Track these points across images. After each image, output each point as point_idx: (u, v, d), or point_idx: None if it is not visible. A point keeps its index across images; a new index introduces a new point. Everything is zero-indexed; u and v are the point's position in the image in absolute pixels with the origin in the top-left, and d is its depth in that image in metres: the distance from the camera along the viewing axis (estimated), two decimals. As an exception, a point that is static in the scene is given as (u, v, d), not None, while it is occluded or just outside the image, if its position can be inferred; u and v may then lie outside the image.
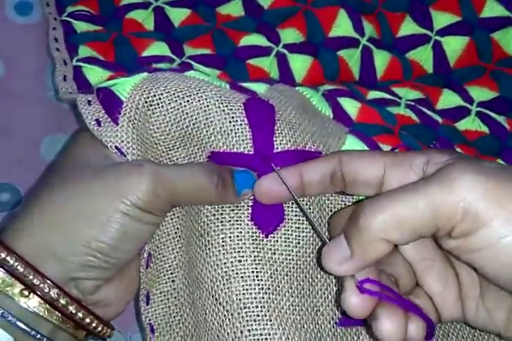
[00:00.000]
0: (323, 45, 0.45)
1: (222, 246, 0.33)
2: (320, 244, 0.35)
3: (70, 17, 0.44)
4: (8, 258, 0.30)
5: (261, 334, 0.32)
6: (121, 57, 0.43)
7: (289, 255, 0.34)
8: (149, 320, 0.35)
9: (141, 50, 0.43)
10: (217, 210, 0.34)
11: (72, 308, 0.31)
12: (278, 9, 0.46)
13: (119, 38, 0.43)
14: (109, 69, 0.41)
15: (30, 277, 0.30)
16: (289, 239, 0.34)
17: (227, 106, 0.34)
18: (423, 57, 0.46)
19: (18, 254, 0.30)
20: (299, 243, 0.34)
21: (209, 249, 0.33)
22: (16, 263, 0.30)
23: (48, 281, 0.30)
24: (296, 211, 0.35)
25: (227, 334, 0.32)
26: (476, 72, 0.46)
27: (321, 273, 0.35)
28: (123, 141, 0.34)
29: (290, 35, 0.45)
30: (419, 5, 0.47)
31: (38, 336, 0.30)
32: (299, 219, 0.35)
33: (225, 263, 0.33)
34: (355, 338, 0.35)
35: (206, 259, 0.33)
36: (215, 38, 0.44)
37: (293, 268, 0.34)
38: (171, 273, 0.35)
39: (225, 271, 0.33)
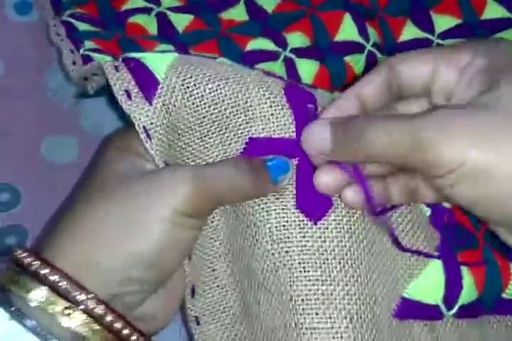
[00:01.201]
0: (330, 50, 0.44)
1: (269, 236, 0.32)
2: (373, 227, 0.33)
3: (70, 17, 0.43)
4: (51, 274, 0.29)
5: (306, 328, 0.31)
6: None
7: (341, 241, 0.32)
8: (195, 312, 0.34)
9: (148, 50, 0.42)
10: (262, 199, 0.33)
11: (118, 325, 0.30)
12: (283, 13, 0.46)
13: (123, 39, 0.43)
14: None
15: (75, 293, 0.29)
16: (339, 224, 0.32)
17: (267, 90, 0.33)
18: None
19: (61, 270, 0.29)
20: (350, 228, 0.32)
21: (256, 239, 0.32)
22: (59, 279, 0.29)
23: (92, 296, 0.29)
24: None
25: (279, 325, 0.32)
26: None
27: (378, 259, 0.33)
28: (152, 123, 0.32)
29: (296, 39, 0.44)
30: (420, 8, 0.47)
31: None
32: None
33: (272, 254, 0.32)
34: (407, 331, 0.34)
35: (255, 251, 0.32)
36: (221, 44, 0.43)
37: (346, 255, 0.32)
38: (211, 263, 0.34)
39: (274, 262, 0.32)
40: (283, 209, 0.32)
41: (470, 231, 0.36)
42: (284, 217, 0.32)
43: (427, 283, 0.34)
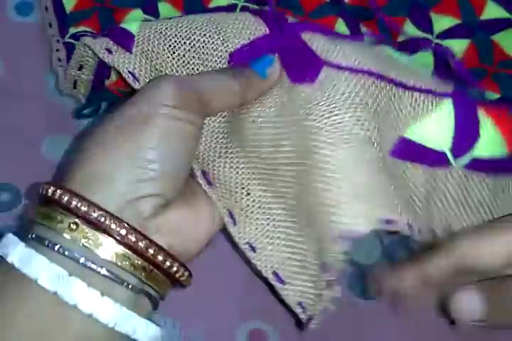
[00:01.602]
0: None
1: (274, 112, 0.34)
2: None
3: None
4: (81, 205, 0.29)
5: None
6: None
7: (343, 94, 0.34)
8: (245, 239, 0.34)
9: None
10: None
11: (132, 237, 0.29)
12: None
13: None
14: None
15: (108, 223, 0.29)
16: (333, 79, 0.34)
17: (234, 15, 0.36)
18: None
19: (89, 200, 0.30)
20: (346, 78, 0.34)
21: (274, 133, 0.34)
22: (90, 209, 0.29)
23: (127, 226, 0.29)
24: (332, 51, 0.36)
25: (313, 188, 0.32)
26: (478, 75, 0.46)
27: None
28: (136, 68, 0.35)
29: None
30: (419, 8, 0.47)
31: (129, 285, 0.29)
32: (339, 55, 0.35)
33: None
34: (400, 171, 0.34)
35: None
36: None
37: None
38: (242, 188, 0.34)
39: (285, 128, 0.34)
40: (280, 86, 0.35)
41: None
42: (283, 96, 0.34)
43: (433, 126, 0.34)
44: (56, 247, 0.29)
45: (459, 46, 0.46)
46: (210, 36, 0.35)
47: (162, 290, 0.32)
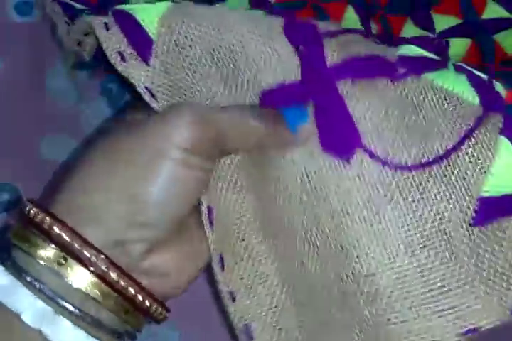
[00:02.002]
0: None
1: (302, 186, 0.30)
2: (411, 142, 0.30)
3: None
4: (62, 232, 0.28)
5: (365, 276, 0.28)
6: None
7: (381, 171, 0.29)
8: (228, 287, 0.32)
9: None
10: (286, 152, 0.30)
11: (113, 275, 0.28)
12: (286, 3, 0.45)
13: None
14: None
15: (86, 253, 0.27)
16: (373, 155, 0.30)
17: (268, 37, 0.31)
18: (427, 59, 0.46)
19: (72, 228, 0.28)
20: (388, 154, 0.30)
21: (289, 194, 0.30)
22: (71, 238, 0.28)
23: (105, 258, 0.28)
24: (372, 123, 0.30)
25: (332, 279, 0.30)
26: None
27: (434, 170, 0.30)
28: (153, 83, 0.31)
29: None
30: (420, 8, 0.47)
31: (81, 314, 0.28)
32: (378, 130, 0.30)
33: (310, 204, 0.30)
34: (500, 234, 0.29)
35: (290, 206, 0.30)
36: None
37: (391, 184, 0.29)
38: (238, 232, 0.32)
39: (313, 213, 0.29)
40: (310, 156, 0.30)
41: None
42: (313, 164, 0.30)
43: (504, 172, 0.30)
44: (38, 285, 0.27)
45: (461, 45, 0.46)
46: (239, 67, 0.31)
47: (139, 327, 0.31)
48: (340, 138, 0.30)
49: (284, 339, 0.32)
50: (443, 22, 0.46)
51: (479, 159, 0.29)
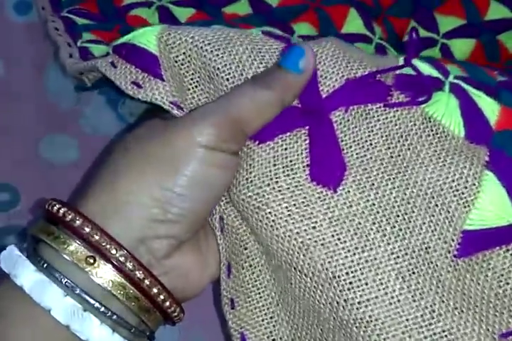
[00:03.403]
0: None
1: (289, 215, 0.30)
2: (395, 171, 0.31)
3: (69, 13, 0.43)
4: (85, 226, 0.28)
5: (359, 303, 0.29)
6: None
7: (368, 201, 0.30)
8: (229, 294, 0.32)
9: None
10: (271, 178, 0.30)
11: (139, 274, 0.28)
12: (288, 7, 0.45)
13: (124, 28, 0.42)
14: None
15: (110, 249, 0.28)
16: (360, 184, 0.30)
17: (262, 59, 0.31)
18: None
19: (96, 224, 0.28)
20: (373, 184, 0.30)
21: (273, 220, 0.30)
22: (94, 232, 0.28)
23: (128, 254, 0.28)
24: (357, 153, 0.31)
25: (323, 305, 0.29)
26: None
27: (419, 202, 0.30)
28: (174, 95, 0.31)
29: (303, 28, 0.44)
30: (423, 10, 0.47)
31: (107, 312, 0.28)
32: (363, 160, 0.31)
33: (297, 232, 0.30)
34: (485, 265, 0.30)
35: (273, 232, 0.30)
36: None
37: (378, 212, 0.30)
38: (242, 241, 0.32)
39: (301, 241, 0.29)
40: (296, 186, 0.30)
41: None
42: (300, 194, 0.30)
43: (489, 207, 0.30)
44: (66, 281, 0.28)
45: (466, 45, 0.46)
46: (233, 83, 0.31)
47: (156, 327, 0.31)
48: (328, 167, 0.31)
49: None
50: (447, 23, 0.46)
51: (463, 193, 0.30)
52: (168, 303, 0.29)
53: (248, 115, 0.30)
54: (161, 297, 0.29)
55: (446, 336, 0.28)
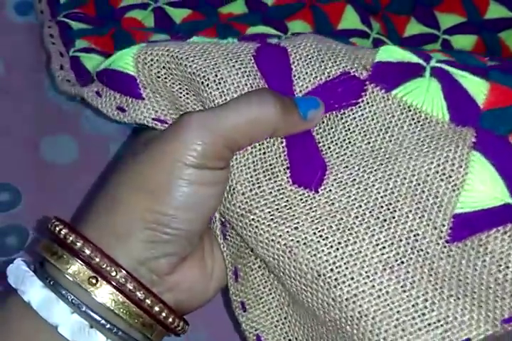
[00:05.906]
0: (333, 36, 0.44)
1: (272, 219, 0.29)
2: (377, 164, 0.30)
3: (65, 18, 0.43)
4: (86, 248, 0.28)
5: (347, 299, 0.28)
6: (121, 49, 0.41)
7: (350, 197, 0.30)
8: (239, 297, 0.32)
9: (143, 41, 0.41)
10: (253, 183, 0.30)
11: (140, 294, 0.29)
12: (283, 5, 0.45)
13: (118, 32, 0.42)
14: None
15: (110, 270, 0.28)
16: (341, 181, 0.30)
17: (236, 61, 0.31)
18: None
19: (95, 244, 0.29)
20: (354, 179, 0.30)
21: (256, 227, 0.30)
22: (94, 254, 0.28)
23: (127, 275, 0.29)
24: (337, 152, 0.31)
25: (316, 308, 0.29)
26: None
27: (403, 191, 0.30)
28: (157, 111, 0.32)
29: (298, 26, 0.44)
30: (423, 7, 0.47)
31: (113, 329, 0.28)
32: (344, 159, 0.31)
33: (280, 235, 0.29)
34: (482, 250, 0.29)
35: (257, 238, 0.30)
36: (219, 30, 0.43)
37: (361, 206, 0.29)
38: (247, 244, 0.31)
39: (284, 244, 0.29)
40: (278, 190, 0.30)
41: None
42: (282, 198, 0.30)
43: (479, 187, 0.30)
44: (72, 299, 0.28)
45: (467, 41, 0.46)
46: (207, 85, 0.31)
47: (160, 340, 0.32)
48: (309, 170, 0.30)
49: None
50: (447, 20, 0.47)
51: (451, 177, 0.30)
52: (170, 319, 0.30)
53: (239, 133, 0.29)
54: (163, 314, 0.29)
55: (442, 325, 0.27)
